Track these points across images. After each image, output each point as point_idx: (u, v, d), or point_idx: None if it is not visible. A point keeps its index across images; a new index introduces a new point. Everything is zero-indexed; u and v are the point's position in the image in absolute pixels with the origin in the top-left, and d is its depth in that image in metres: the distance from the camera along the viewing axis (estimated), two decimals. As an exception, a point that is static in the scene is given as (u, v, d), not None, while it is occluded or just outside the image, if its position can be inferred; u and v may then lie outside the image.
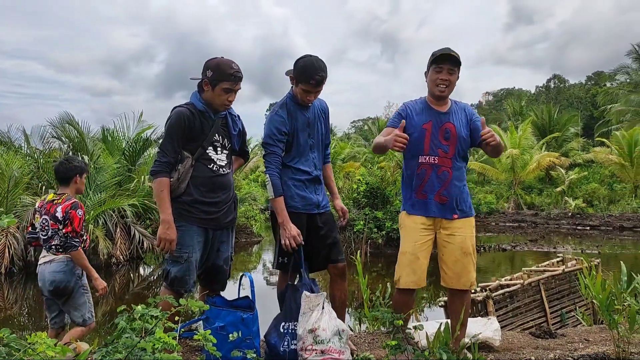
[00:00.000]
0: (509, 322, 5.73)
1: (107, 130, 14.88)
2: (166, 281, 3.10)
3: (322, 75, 3.13)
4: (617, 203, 25.19)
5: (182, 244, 3.04)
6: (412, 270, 3.10)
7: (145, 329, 2.07)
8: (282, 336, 3.02)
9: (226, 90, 3.05)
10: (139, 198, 12.97)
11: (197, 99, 3.13)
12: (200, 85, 3.12)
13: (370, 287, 5.12)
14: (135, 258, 12.96)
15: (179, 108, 3.08)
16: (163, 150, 3.03)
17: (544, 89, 59.77)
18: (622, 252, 15.83)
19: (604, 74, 47.29)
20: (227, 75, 3.02)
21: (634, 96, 29.52)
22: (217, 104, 3.10)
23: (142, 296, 9.71)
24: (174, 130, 3.03)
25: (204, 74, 3.07)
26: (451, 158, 3.15)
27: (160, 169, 3.01)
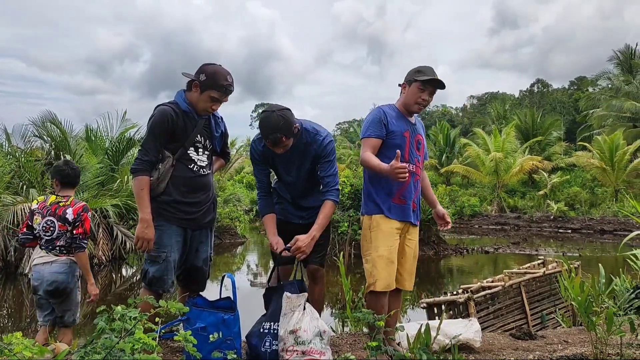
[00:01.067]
0: (490, 324, 5.78)
1: (91, 130, 14.75)
2: (144, 281, 3.08)
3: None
4: (598, 207, 25.53)
5: (160, 243, 3.01)
6: (388, 274, 3.11)
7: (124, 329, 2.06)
8: (262, 336, 3.02)
9: (213, 99, 3.05)
10: (121, 198, 12.86)
11: (182, 99, 3.10)
12: (189, 84, 3.10)
13: (353, 289, 5.14)
14: (117, 258, 12.85)
15: (162, 107, 3.04)
16: (145, 149, 3.00)
17: (528, 93, 60.36)
18: (603, 255, 16.05)
19: (586, 79, 47.96)
20: (220, 85, 3.03)
21: (615, 101, 29.94)
22: (200, 108, 3.09)
23: (124, 297, 9.63)
24: (157, 128, 3.00)
25: (197, 75, 3.04)
26: (420, 168, 3.32)
27: (141, 167, 2.98)
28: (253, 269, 14.40)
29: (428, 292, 10.20)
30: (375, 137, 3.16)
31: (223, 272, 11.44)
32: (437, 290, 10.41)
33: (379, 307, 3.12)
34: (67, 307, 3.93)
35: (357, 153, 38.02)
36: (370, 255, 3.14)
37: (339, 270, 5.12)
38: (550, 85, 60.53)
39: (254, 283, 12.43)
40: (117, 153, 14.63)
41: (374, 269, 3.11)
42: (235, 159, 37.48)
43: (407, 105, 3.24)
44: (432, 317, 5.64)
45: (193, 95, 3.07)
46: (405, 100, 3.24)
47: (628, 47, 31.98)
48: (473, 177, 30.12)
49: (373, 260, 3.13)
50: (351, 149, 42.14)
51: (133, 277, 12.56)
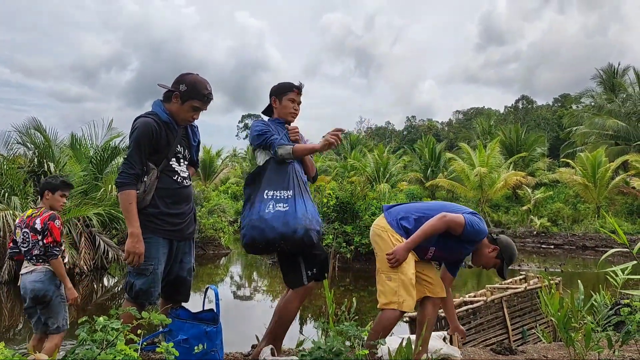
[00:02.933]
0: (472, 339, 5.81)
1: (76, 138, 14.64)
2: (129, 294, 3.02)
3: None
4: (581, 223, 25.80)
5: (147, 256, 2.97)
6: (412, 296, 3.20)
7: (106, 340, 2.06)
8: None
9: (194, 109, 3.07)
10: (105, 207, 12.76)
11: (161, 109, 3.08)
12: (168, 96, 3.08)
13: (337, 301, 5.14)
14: (99, 268, 12.72)
15: (144, 118, 3.01)
16: (130, 162, 2.95)
17: (513, 109, 61.11)
18: (584, 271, 16.20)
19: (570, 97, 48.62)
20: (201, 95, 3.04)
21: (597, 119, 30.38)
22: (181, 118, 3.09)
23: (106, 307, 9.54)
24: (142, 141, 2.96)
25: (176, 86, 3.04)
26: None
27: (127, 180, 2.94)
28: (237, 281, 14.33)
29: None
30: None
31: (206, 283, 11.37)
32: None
33: (393, 325, 3.23)
34: (49, 315, 4.06)
35: (343, 165, 38.12)
36: (398, 276, 3.20)
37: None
38: (535, 101, 61.45)
39: (237, 295, 12.37)
40: (101, 162, 14.54)
41: (400, 289, 3.18)
42: (220, 169, 37.38)
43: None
44: (415, 331, 5.66)
45: (173, 105, 3.06)
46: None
47: (611, 66, 32.53)
48: (458, 191, 30.31)
49: (400, 281, 3.18)
50: (337, 161, 42.23)
51: (115, 287, 12.44)
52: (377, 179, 33.07)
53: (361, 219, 14.51)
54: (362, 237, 13.96)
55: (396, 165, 36.61)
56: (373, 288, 11.36)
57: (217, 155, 37.79)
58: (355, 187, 15.53)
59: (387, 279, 3.22)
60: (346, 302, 4.69)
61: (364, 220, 14.38)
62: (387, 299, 3.18)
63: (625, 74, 31.92)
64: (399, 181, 35.33)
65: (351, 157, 38.56)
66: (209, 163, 36.35)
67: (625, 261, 3.74)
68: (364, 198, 15.07)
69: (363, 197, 15.06)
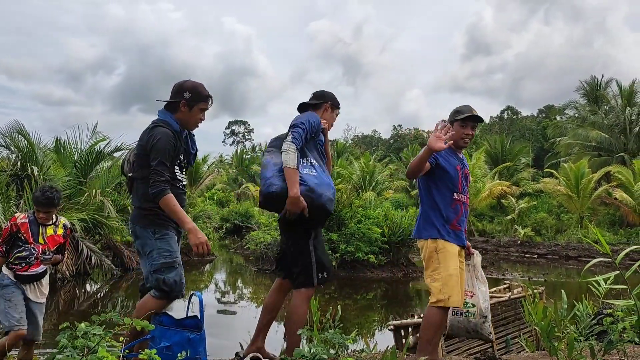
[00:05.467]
0: (456, 347, 5.82)
1: (60, 142, 14.49)
2: (162, 290, 3.09)
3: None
4: (564, 233, 26.04)
5: (169, 249, 3.14)
6: (458, 291, 3.38)
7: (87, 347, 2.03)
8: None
9: (202, 110, 3.29)
10: (89, 212, 12.64)
11: (172, 119, 3.24)
12: (174, 107, 3.24)
13: (322, 309, 5.13)
14: (82, 274, 12.57)
15: (164, 129, 3.15)
16: (160, 170, 3.06)
17: (498, 120, 61.64)
18: (567, 281, 16.35)
19: (554, 108, 49.21)
20: (204, 96, 3.27)
21: (581, 130, 30.77)
22: (192, 123, 3.30)
23: (88, 313, 9.42)
24: (168, 150, 3.12)
25: (178, 96, 3.22)
26: (467, 200, 3.71)
27: (163, 187, 3.04)
28: (221, 287, 14.25)
29: (396, 314, 10.23)
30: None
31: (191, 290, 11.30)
32: (405, 313, 10.44)
33: (443, 321, 3.43)
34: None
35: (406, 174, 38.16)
36: (440, 275, 3.40)
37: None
38: (520, 112, 62.01)
39: (222, 301, 12.30)
40: (85, 166, 14.40)
41: (445, 286, 3.36)
42: (206, 175, 37.21)
43: (456, 142, 3.61)
44: (399, 339, 5.65)
45: (183, 114, 3.25)
46: (453, 138, 3.51)
47: (594, 78, 33.00)
48: (443, 200, 30.44)
49: (444, 278, 3.38)
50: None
51: (97, 292, 12.31)
52: (363, 187, 33.13)
53: (347, 226, 14.52)
54: (348, 244, 13.97)
55: (382, 173, 36.73)
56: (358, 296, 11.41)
57: (203, 162, 37.59)
58: (342, 195, 15.55)
59: (432, 280, 3.43)
60: (331, 310, 4.68)
61: (349, 228, 14.40)
62: (434, 298, 3.37)
63: (608, 86, 32.42)
64: (385, 189, 35.43)
65: (337, 165, 38.63)
66: (194, 169, 36.16)
67: (607, 271, 3.79)
68: (350, 206, 15.10)
69: (349, 205, 15.08)
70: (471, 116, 3.57)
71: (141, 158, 3.19)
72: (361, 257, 14.01)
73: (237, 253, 21.02)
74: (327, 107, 3.72)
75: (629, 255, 4.08)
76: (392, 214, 16.29)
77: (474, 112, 3.60)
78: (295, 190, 3.18)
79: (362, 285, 13.61)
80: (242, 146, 70.00)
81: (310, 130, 3.41)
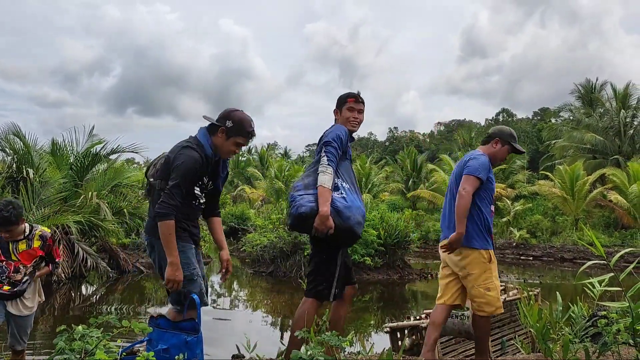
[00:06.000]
0: (452, 349, 5.83)
1: (56, 144, 14.46)
2: (180, 305, 3.18)
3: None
4: (559, 235, 26.11)
5: (187, 262, 3.15)
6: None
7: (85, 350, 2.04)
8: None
9: (237, 145, 3.24)
10: (85, 215, 12.61)
11: (207, 142, 3.22)
12: (214, 130, 3.21)
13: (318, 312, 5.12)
14: (78, 276, 12.54)
15: (192, 152, 3.12)
16: (173, 193, 3.05)
17: (493, 122, 61.81)
18: (562, 283, 16.39)
19: (549, 110, 49.42)
20: (246, 132, 3.21)
21: (576, 133, 30.88)
22: (224, 152, 3.26)
23: (84, 316, 9.40)
24: (189, 176, 3.10)
25: (222, 121, 3.19)
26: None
27: (169, 211, 3.03)
28: (217, 290, 14.22)
29: (392, 316, 10.24)
30: (482, 179, 3.72)
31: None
32: (401, 315, 10.45)
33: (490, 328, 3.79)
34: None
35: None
36: (493, 284, 3.69)
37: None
38: (515, 114, 62.28)
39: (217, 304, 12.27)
40: (82, 168, 14.38)
41: (494, 298, 3.67)
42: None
43: (496, 159, 3.96)
44: (395, 341, 5.67)
45: (218, 139, 3.21)
46: (496, 155, 3.93)
47: (589, 81, 33.13)
48: (439, 202, 30.49)
49: (492, 291, 3.67)
50: (319, 171, 42.23)
51: (93, 295, 12.28)
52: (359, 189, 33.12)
53: (343, 229, 14.51)
54: (344, 247, 13.96)
55: (378, 175, 36.77)
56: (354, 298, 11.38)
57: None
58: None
59: (486, 290, 3.65)
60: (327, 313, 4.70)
61: (345, 230, 14.39)
62: (494, 306, 3.65)
63: (602, 89, 32.54)
64: (380, 192, 35.47)
65: (333, 167, 38.58)
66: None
67: (602, 273, 3.83)
68: (345, 208, 15.08)
69: (345, 207, 15.07)
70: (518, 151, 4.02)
71: (165, 170, 3.18)
72: (357, 259, 14.01)
73: (233, 255, 21.01)
74: (345, 108, 3.70)
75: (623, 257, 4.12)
76: (388, 216, 16.31)
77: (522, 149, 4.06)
78: (326, 208, 3.26)
79: (359, 287, 13.60)
80: (238, 148, 69.86)
81: (341, 145, 3.47)
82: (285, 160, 41.15)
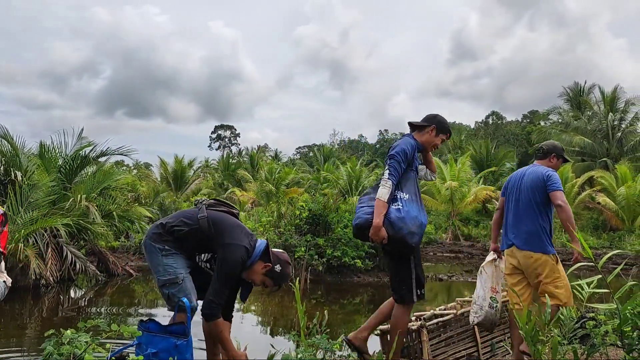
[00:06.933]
0: (442, 352, 5.84)
1: (45, 147, 14.33)
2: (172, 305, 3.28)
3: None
4: (548, 237, 26.23)
5: (175, 266, 3.26)
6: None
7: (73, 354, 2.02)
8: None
9: (262, 283, 3.43)
10: (73, 217, 12.52)
11: (253, 260, 3.35)
12: (265, 256, 3.37)
13: (309, 314, 5.13)
14: (66, 280, 12.45)
15: (242, 254, 3.25)
16: (220, 294, 3.17)
17: (483, 125, 62.14)
18: (551, 285, 16.47)
19: (538, 113, 49.76)
20: (278, 284, 3.47)
21: (564, 136, 31.15)
22: (250, 277, 3.41)
23: (72, 320, 9.32)
24: (235, 276, 3.26)
25: (275, 262, 3.39)
26: None
27: (216, 312, 3.16)
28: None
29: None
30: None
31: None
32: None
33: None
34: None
35: (315, 178, 38.14)
36: (562, 282, 4.19)
37: (294, 295, 5.11)
38: (505, 117, 62.61)
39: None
40: (70, 171, 14.28)
41: (567, 291, 4.15)
42: (192, 180, 37.06)
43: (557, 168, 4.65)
44: (386, 343, 5.67)
45: (258, 267, 3.37)
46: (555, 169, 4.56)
47: (577, 84, 33.44)
48: (429, 204, 30.59)
49: (566, 285, 4.17)
50: (310, 174, 42.27)
51: (82, 299, 12.19)
52: (349, 191, 33.20)
53: (333, 231, 14.53)
54: (334, 249, 13.97)
55: (369, 178, 36.81)
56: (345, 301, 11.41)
57: (189, 166, 37.45)
58: (328, 200, 15.56)
59: (555, 287, 4.14)
60: (318, 315, 4.69)
61: (336, 233, 14.40)
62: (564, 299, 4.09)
63: (590, 92, 32.87)
64: (371, 194, 35.47)
65: (324, 170, 38.65)
66: (180, 174, 36.01)
67: (590, 275, 3.90)
68: (336, 210, 15.11)
69: (335, 210, 15.10)
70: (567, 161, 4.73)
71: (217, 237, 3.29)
72: (348, 261, 14.02)
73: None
74: (431, 130, 3.97)
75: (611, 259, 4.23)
76: (379, 219, 16.31)
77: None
78: (378, 220, 3.49)
79: (349, 290, 13.61)
80: (228, 151, 69.83)
81: (405, 158, 3.69)
82: (275, 163, 41.12)
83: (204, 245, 3.25)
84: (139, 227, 15.67)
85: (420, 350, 4.86)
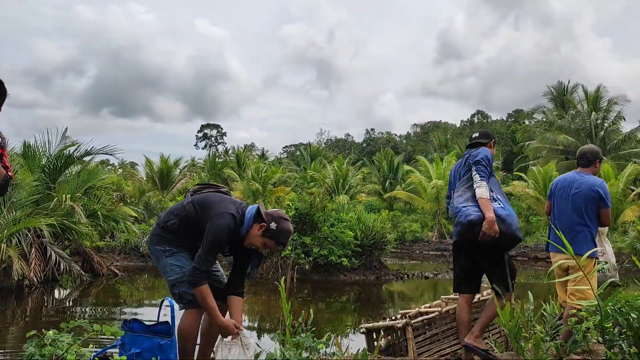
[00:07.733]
0: (427, 349, 5.88)
1: (28, 146, 14.17)
2: (184, 303, 3.26)
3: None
4: (533, 235, 26.51)
5: (181, 265, 3.27)
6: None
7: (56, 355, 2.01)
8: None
9: (265, 246, 3.31)
10: (57, 217, 12.40)
11: (247, 224, 3.27)
12: (259, 219, 3.26)
13: (295, 313, 5.13)
14: (50, 280, 12.32)
15: (228, 223, 3.18)
16: (204, 261, 3.11)
17: (468, 124, 62.58)
18: (536, 282, 16.66)
19: (523, 112, 50.19)
20: (279, 242, 3.30)
21: (549, 134, 31.47)
22: (249, 242, 3.31)
23: (56, 321, 9.24)
24: (220, 244, 3.19)
25: (270, 219, 3.25)
26: None
27: (200, 278, 3.09)
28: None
29: (368, 317, 10.29)
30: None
31: (162, 296, 11.17)
32: (378, 315, 10.50)
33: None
34: None
35: (302, 176, 38.12)
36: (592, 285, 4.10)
37: (280, 294, 5.12)
38: (490, 116, 63.11)
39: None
40: (54, 171, 14.13)
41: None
42: (178, 179, 36.87)
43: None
44: (371, 341, 5.69)
45: (255, 230, 3.26)
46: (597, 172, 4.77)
47: (561, 83, 33.78)
48: (415, 203, 30.75)
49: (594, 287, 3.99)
50: (297, 172, 42.25)
51: (66, 299, 12.08)
52: (336, 190, 33.24)
53: (320, 230, 14.54)
54: (321, 248, 13.99)
55: (355, 177, 36.90)
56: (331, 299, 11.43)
57: (175, 165, 37.24)
58: (315, 199, 15.57)
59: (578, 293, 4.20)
60: (303, 314, 4.70)
61: (322, 232, 14.42)
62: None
63: (574, 91, 33.22)
64: (357, 193, 35.60)
65: (311, 169, 38.65)
66: (166, 173, 35.81)
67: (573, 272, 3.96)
68: (323, 209, 15.12)
69: (322, 209, 15.11)
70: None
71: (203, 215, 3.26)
72: (334, 260, 14.04)
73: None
74: (492, 144, 4.31)
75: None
76: (365, 217, 16.37)
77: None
78: (491, 214, 3.69)
79: (335, 288, 13.64)
80: (214, 150, 69.54)
81: (489, 164, 3.98)
82: (262, 162, 41.02)
83: (199, 231, 3.21)
84: (124, 227, 15.55)
85: (406, 348, 4.89)
